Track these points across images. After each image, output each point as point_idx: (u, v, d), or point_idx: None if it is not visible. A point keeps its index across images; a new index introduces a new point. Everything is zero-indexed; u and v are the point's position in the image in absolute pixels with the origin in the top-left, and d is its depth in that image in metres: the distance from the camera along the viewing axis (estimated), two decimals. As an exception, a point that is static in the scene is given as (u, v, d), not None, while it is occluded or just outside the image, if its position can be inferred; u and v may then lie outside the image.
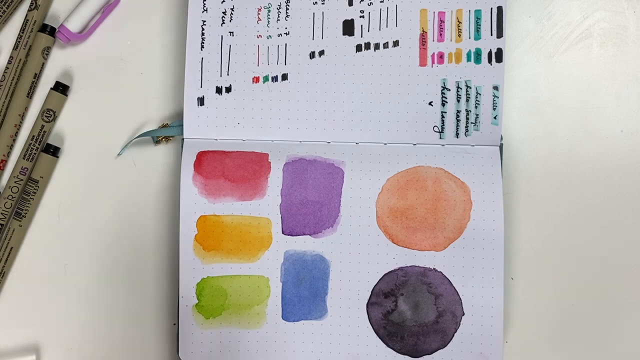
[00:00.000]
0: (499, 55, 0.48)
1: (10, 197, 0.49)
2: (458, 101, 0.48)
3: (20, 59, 0.50)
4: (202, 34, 0.49)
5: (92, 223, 0.50)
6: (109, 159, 0.50)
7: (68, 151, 0.50)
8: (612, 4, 0.51)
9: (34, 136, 0.49)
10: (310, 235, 0.48)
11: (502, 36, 0.48)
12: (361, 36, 0.49)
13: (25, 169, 0.49)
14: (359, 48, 0.49)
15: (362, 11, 0.49)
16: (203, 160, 0.48)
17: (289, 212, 0.48)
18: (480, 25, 0.48)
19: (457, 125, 0.48)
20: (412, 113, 0.48)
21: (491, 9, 0.48)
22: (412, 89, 0.48)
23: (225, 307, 0.48)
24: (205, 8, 0.49)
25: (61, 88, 0.50)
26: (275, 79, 0.49)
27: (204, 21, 0.49)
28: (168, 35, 0.51)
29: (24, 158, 0.49)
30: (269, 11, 0.49)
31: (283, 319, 0.48)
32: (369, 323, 0.48)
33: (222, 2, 0.49)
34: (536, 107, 0.50)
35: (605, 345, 0.49)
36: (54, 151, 0.50)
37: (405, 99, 0.48)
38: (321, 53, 0.49)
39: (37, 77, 0.50)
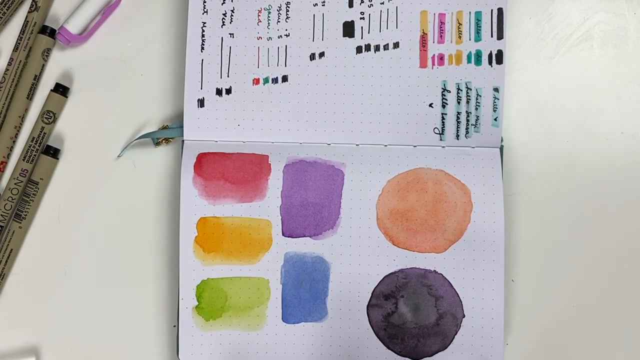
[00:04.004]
0: (499, 57, 0.48)
1: (10, 198, 0.49)
2: (458, 103, 0.48)
3: (20, 61, 0.50)
4: (202, 35, 0.49)
5: (92, 225, 0.50)
6: (109, 160, 0.50)
7: (68, 153, 0.50)
8: (612, 6, 0.51)
9: (34, 138, 0.49)
10: (310, 237, 0.48)
11: (502, 38, 0.48)
12: (361, 38, 0.49)
13: (25, 171, 0.49)
14: (359, 50, 0.49)
15: (362, 13, 0.49)
16: (203, 161, 0.48)
17: (289, 213, 0.48)
18: (480, 26, 0.48)
19: (458, 127, 0.48)
20: (413, 115, 0.48)
21: (491, 10, 0.48)
22: (412, 91, 0.48)
23: (225, 309, 0.48)
24: (205, 9, 0.49)
25: (61, 90, 0.50)
26: (275, 80, 0.49)
27: (204, 23, 0.49)
28: (168, 36, 0.51)
29: (24, 160, 0.49)
30: (269, 13, 0.49)
31: (283, 320, 0.48)
32: (369, 325, 0.47)
33: (222, 4, 0.49)
34: (537, 108, 0.50)
35: (606, 347, 0.49)
36: (54, 153, 0.50)
37: (406, 100, 0.48)
38: (321, 55, 0.49)
39: (37, 78, 0.50)
